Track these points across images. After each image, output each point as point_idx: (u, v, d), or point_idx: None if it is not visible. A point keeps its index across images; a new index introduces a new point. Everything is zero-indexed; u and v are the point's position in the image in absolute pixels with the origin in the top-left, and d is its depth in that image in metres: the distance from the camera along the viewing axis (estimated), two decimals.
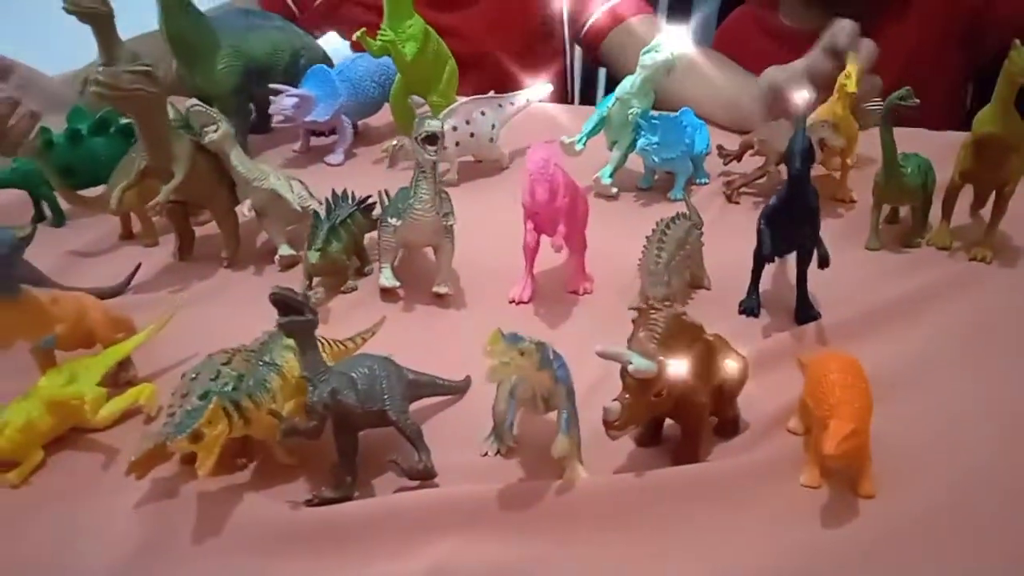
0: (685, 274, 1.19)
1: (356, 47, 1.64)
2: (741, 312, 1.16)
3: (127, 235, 1.41)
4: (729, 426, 0.92)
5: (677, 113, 1.53)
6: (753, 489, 0.84)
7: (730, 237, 1.32)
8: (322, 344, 0.95)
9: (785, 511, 0.83)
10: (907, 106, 1.20)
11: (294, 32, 1.80)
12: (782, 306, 1.16)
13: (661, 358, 0.82)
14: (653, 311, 0.84)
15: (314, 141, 1.78)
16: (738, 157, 1.54)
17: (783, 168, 1.44)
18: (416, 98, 1.70)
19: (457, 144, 1.56)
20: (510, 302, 1.20)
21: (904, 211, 1.36)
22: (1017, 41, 1.14)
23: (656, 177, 1.56)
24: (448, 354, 1.08)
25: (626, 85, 1.47)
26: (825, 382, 0.84)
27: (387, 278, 1.18)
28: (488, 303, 1.21)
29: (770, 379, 1.00)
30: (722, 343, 0.92)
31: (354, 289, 1.23)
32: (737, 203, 1.48)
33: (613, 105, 1.48)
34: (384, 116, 1.79)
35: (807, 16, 1.94)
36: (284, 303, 0.79)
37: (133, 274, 1.24)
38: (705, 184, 1.55)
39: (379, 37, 1.55)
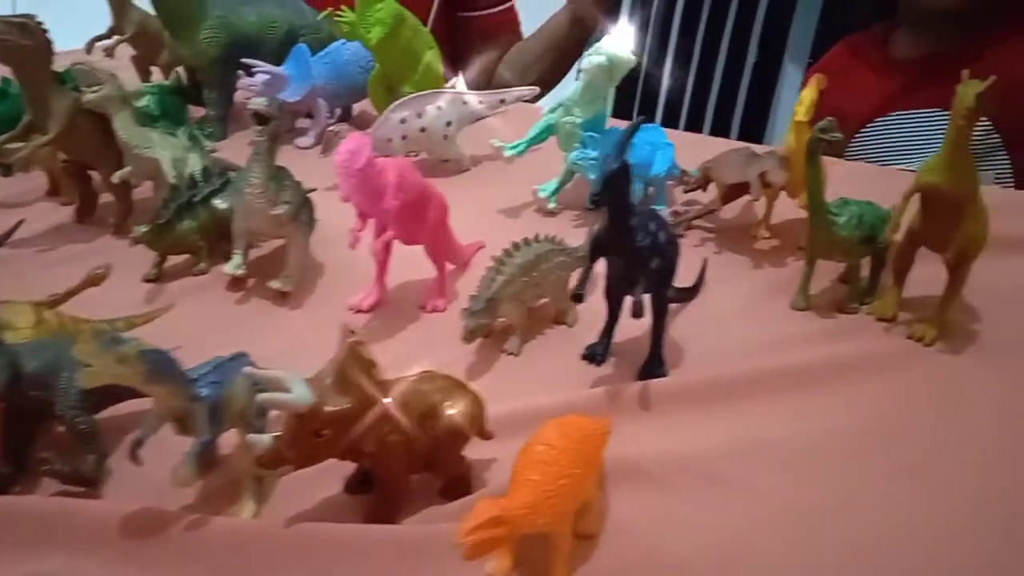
0: (540, 304, 1.03)
1: None
2: (583, 357, 0.99)
3: (53, 191, 1.41)
4: (453, 487, 0.78)
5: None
6: (430, 564, 0.70)
7: None
8: (55, 319, 0.89)
9: None
10: (829, 141, 0.99)
11: (296, 9, 1.76)
12: (640, 357, 0.98)
13: (332, 393, 0.69)
14: (348, 337, 0.71)
15: (302, 123, 1.73)
16: (703, 186, 1.35)
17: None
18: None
19: (404, 138, 1.46)
20: (349, 309, 1.09)
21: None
22: (966, 72, 0.91)
23: None
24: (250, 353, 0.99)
25: (568, 90, 1.31)
26: (526, 453, 0.68)
27: (231, 265, 1.10)
28: (327, 307, 1.10)
29: None
30: (448, 389, 0.77)
31: (204, 272, 1.16)
32: (682, 236, 1.29)
33: (556, 111, 1.33)
34: None
35: (916, 45, 1.76)
36: None
37: (12, 229, 1.22)
38: (662, 211, 1.37)
39: (340, 19, 1.48)
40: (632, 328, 0.99)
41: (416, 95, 1.48)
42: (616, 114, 2.61)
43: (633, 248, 0.86)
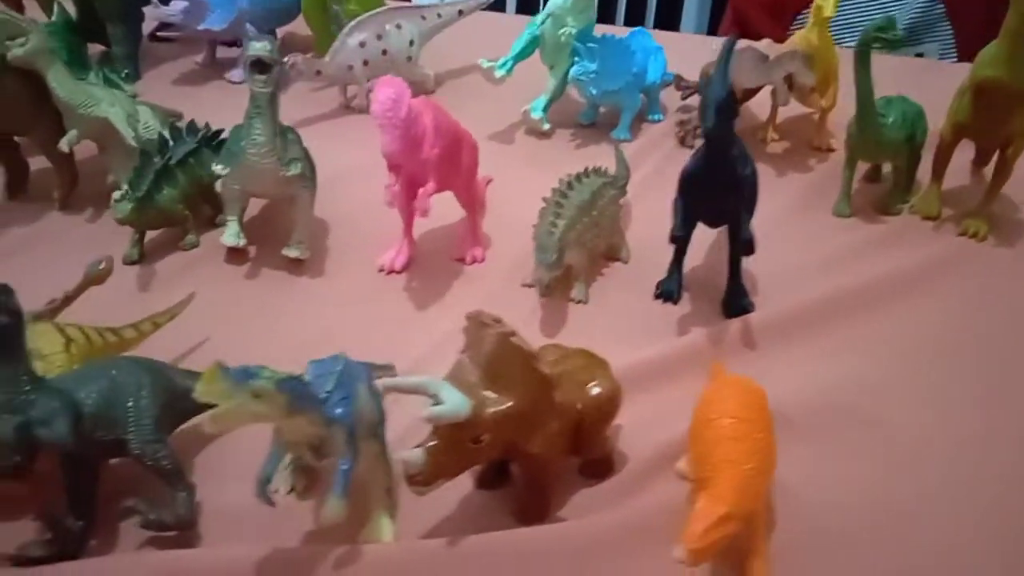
0: (597, 243, 0.95)
1: None
2: (657, 296, 0.93)
3: None
4: (597, 466, 0.71)
5: (626, 35, 1.26)
6: (608, 563, 0.63)
7: (672, 190, 1.07)
8: (82, 335, 0.74)
9: None
10: (888, 40, 0.94)
11: None
12: (713, 290, 0.93)
13: (484, 392, 0.60)
14: (481, 325, 0.62)
15: (224, 53, 1.53)
16: (699, 90, 1.28)
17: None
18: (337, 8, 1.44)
19: (366, 64, 1.31)
20: (379, 270, 0.98)
21: (888, 167, 1.11)
22: None
23: (602, 111, 1.31)
24: (287, 337, 0.87)
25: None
26: (711, 430, 0.61)
27: (230, 235, 0.96)
28: (354, 271, 0.98)
29: (672, 395, 0.79)
30: (588, 363, 0.69)
31: (195, 245, 1.01)
32: (691, 147, 1.23)
33: (545, 22, 1.22)
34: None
35: None
36: None
37: None
38: (659, 122, 1.30)
39: None
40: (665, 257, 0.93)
41: (371, 14, 1.32)
42: (519, 9, 2.49)
43: (737, 179, 0.79)
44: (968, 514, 0.68)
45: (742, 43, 1.32)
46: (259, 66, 0.86)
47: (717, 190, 0.81)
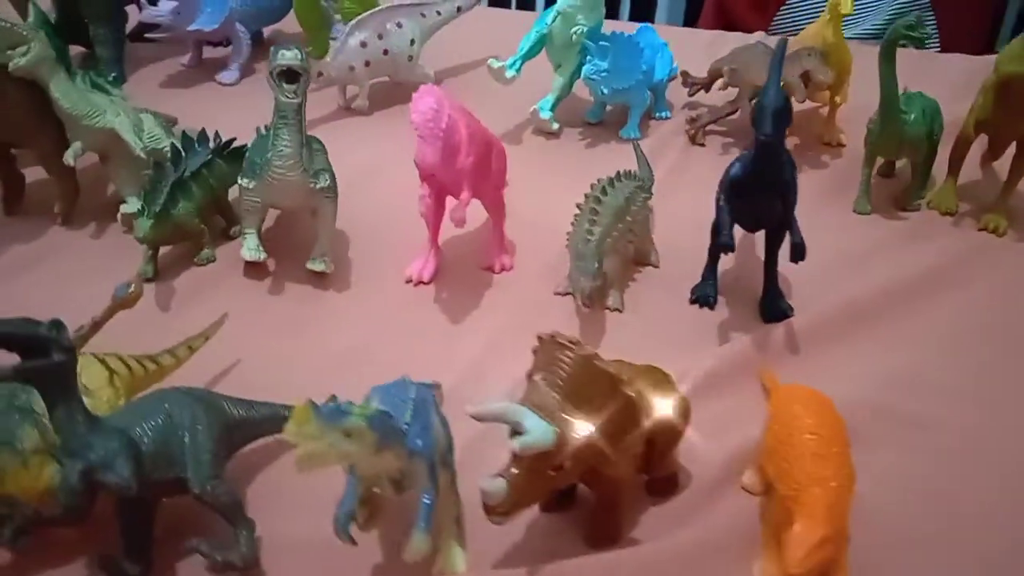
0: (628, 249, 0.94)
1: None
2: (693, 301, 0.92)
3: None
4: (664, 484, 0.70)
5: (634, 32, 1.25)
6: None
7: (690, 189, 1.08)
8: (123, 366, 0.71)
9: None
10: (916, 38, 0.94)
11: None
12: (747, 294, 0.92)
13: (565, 417, 0.58)
14: (558, 347, 0.60)
15: (209, 53, 1.48)
16: (706, 86, 1.27)
17: None
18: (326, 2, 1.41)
19: (367, 64, 1.28)
20: (407, 282, 0.95)
21: (901, 162, 1.11)
22: None
23: (608, 108, 1.29)
24: (319, 354, 0.85)
25: None
26: (793, 446, 0.61)
27: (250, 249, 0.93)
28: (380, 283, 0.96)
29: (725, 404, 0.78)
30: (655, 379, 0.68)
31: (211, 260, 0.98)
32: (702, 145, 1.22)
33: (554, 20, 1.20)
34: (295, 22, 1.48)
35: None
36: (18, 340, 0.54)
37: None
38: (666, 119, 1.29)
39: None
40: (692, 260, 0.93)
41: (371, 13, 1.29)
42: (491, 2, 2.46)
43: (785, 184, 0.78)
44: None
45: (752, 39, 1.32)
46: (287, 75, 0.83)
47: (764, 195, 0.80)
